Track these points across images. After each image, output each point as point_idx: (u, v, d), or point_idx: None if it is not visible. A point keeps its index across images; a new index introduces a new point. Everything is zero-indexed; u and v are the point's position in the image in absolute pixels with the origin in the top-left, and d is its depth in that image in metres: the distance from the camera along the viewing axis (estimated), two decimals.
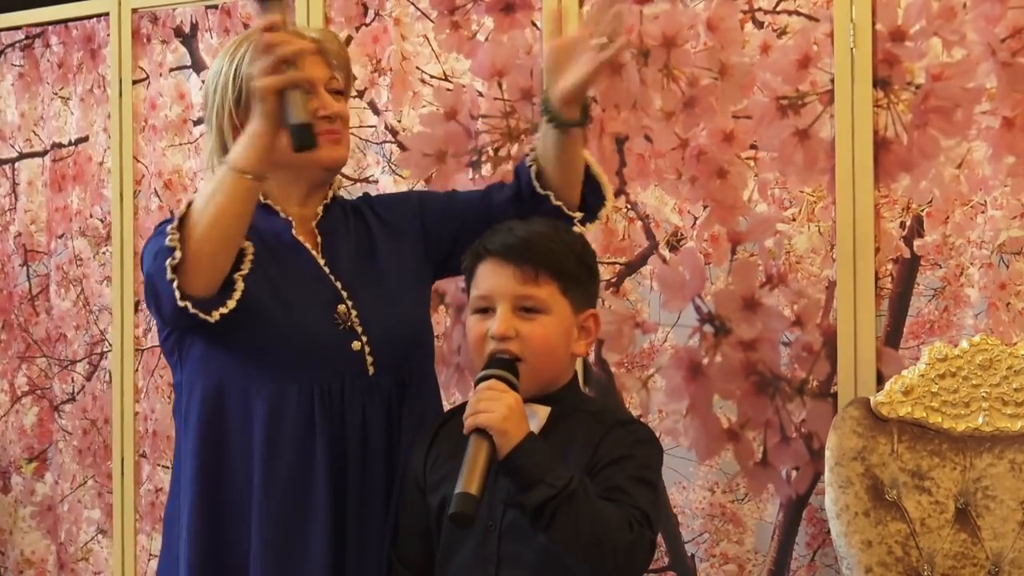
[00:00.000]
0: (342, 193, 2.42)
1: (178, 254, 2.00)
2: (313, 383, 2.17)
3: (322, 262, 2.24)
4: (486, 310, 2.08)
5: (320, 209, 2.29)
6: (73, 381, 3.70)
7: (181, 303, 2.00)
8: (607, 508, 1.91)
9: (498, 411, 1.91)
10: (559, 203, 2.31)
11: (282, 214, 2.25)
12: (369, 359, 2.20)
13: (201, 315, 2.03)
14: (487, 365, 2.02)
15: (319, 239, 2.27)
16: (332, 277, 2.23)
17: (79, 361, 3.69)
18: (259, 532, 2.15)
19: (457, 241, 2.34)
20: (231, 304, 2.06)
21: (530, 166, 2.33)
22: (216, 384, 2.19)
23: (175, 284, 1.99)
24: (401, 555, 2.15)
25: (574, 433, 2.04)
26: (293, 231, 2.24)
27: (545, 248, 2.08)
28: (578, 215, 2.34)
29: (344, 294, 2.22)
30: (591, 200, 2.37)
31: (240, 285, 2.07)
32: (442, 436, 2.15)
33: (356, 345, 2.20)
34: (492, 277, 2.09)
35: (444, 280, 3.10)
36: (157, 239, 2.14)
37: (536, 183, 2.31)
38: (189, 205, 2.04)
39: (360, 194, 2.51)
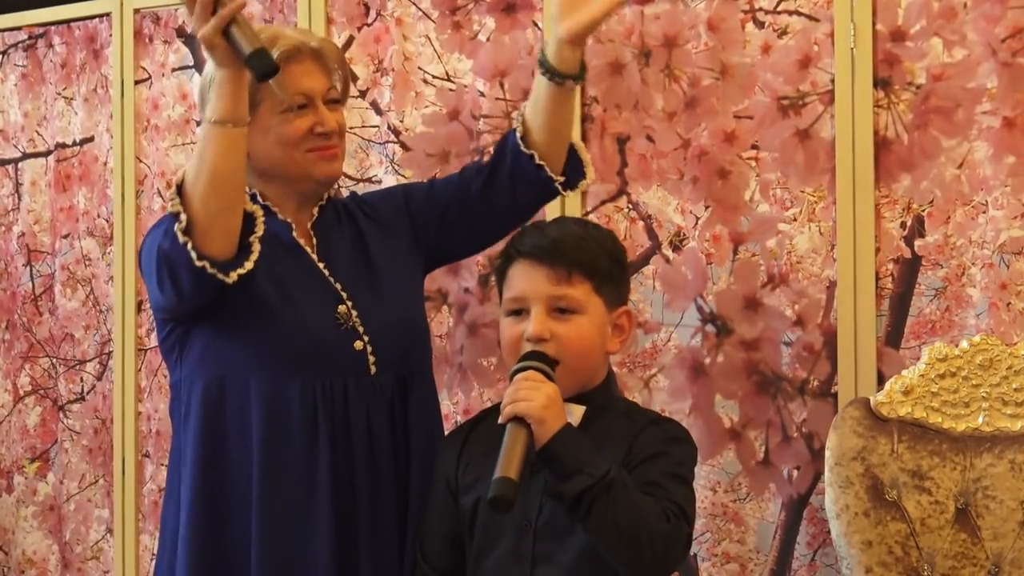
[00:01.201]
0: (343, 192, 2.42)
1: (184, 217, 2.01)
2: (315, 381, 2.17)
3: (321, 265, 2.24)
4: (520, 312, 2.09)
5: (315, 211, 2.30)
6: (82, 381, 3.71)
7: (199, 263, 2.01)
8: (644, 500, 1.92)
9: (537, 400, 1.92)
10: (542, 163, 2.28)
11: (280, 216, 2.26)
12: (371, 358, 2.21)
13: (219, 275, 2.03)
14: (523, 359, 2.02)
15: (315, 241, 2.27)
16: (331, 278, 2.23)
17: (89, 361, 3.70)
18: (260, 532, 2.16)
19: (441, 230, 2.35)
20: (248, 265, 2.07)
21: (516, 127, 2.31)
22: (217, 378, 2.19)
23: (189, 246, 2.00)
24: (428, 557, 2.15)
25: (608, 431, 2.05)
26: (293, 233, 2.25)
27: (577, 247, 2.08)
28: (560, 179, 2.31)
29: (344, 295, 2.22)
30: (572, 176, 2.36)
31: (256, 247, 2.09)
32: (474, 438, 2.15)
33: (358, 345, 2.20)
34: (525, 279, 2.09)
35: (447, 280, 3.11)
36: (156, 231, 2.15)
37: (521, 143, 2.29)
38: (183, 173, 2.05)
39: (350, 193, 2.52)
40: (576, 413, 2.04)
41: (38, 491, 3.81)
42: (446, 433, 2.34)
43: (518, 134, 2.29)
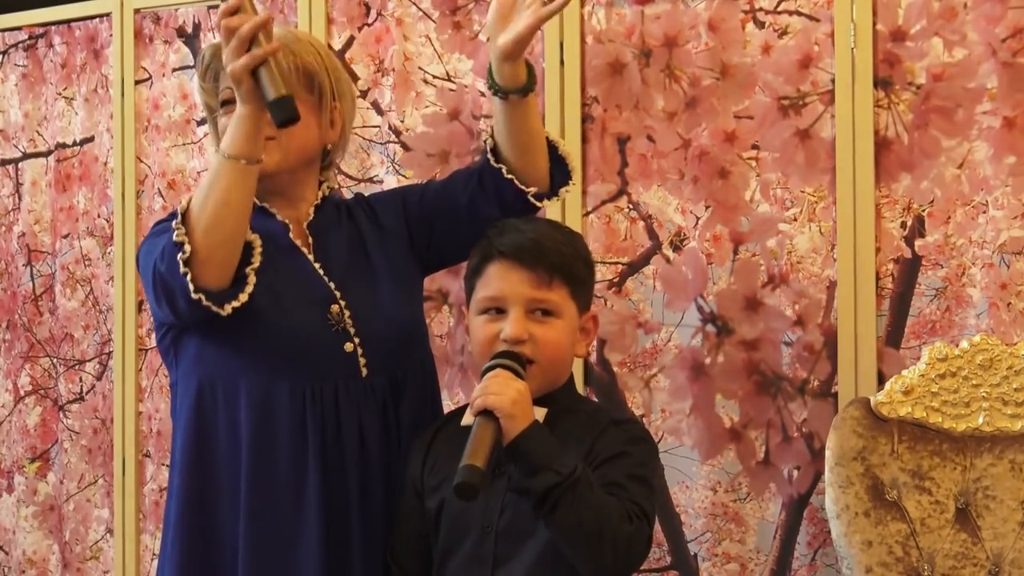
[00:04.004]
0: (344, 191, 2.41)
1: (188, 248, 2.00)
2: (304, 383, 2.15)
3: (317, 265, 2.23)
4: (494, 311, 2.08)
5: (311, 211, 2.29)
6: (82, 381, 3.71)
7: (195, 295, 2.01)
8: (608, 499, 1.91)
9: (507, 395, 1.91)
10: (511, 176, 2.25)
11: (278, 216, 2.25)
12: (362, 360, 2.19)
13: (214, 308, 2.03)
14: (495, 357, 2.01)
15: (311, 240, 2.26)
16: (326, 278, 2.22)
17: (89, 361, 3.70)
18: (247, 537, 2.15)
19: (432, 235, 2.34)
20: (243, 297, 2.06)
21: (486, 140, 2.30)
22: (208, 380, 2.18)
23: (188, 277, 2.00)
24: (397, 559, 2.14)
25: (570, 432, 2.04)
26: (290, 234, 2.24)
27: (557, 251, 2.07)
28: (531, 190, 2.28)
29: (337, 294, 2.21)
30: (558, 178, 2.33)
31: (252, 279, 2.07)
32: (440, 439, 2.14)
33: (349, 347, 2.19)
34: (503, 279, 2.07)
35: (447, 279, 3.11)
36: (153, 240, 2.14)
37: (491, 156, 2.27)
38: (189, 200, 2.05)
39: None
40: (538, 415, 2.03)
41: (38, 491, 3.82)
42: None
43: (488, 147, 2.29)
